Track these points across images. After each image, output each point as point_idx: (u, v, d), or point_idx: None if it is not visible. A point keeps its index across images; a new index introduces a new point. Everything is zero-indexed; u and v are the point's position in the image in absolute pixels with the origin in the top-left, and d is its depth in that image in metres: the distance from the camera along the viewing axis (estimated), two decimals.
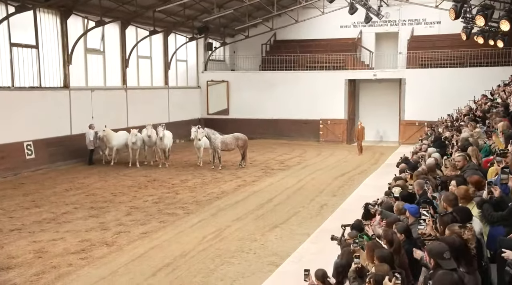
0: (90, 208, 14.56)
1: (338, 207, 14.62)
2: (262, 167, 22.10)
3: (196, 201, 15.61)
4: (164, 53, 29.40)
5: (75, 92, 22.27)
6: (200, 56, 33.30)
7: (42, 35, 20.59)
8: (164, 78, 29.57)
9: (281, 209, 14.69)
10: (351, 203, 15.05)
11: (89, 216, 13.71)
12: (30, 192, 16.53)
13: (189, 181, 18.74)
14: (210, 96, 33.33)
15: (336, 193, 16.85)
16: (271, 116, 32.34)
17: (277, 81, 32.18)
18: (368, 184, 17.89)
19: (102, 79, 24.36)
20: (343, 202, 15.23)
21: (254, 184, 18.33)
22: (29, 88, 20.18)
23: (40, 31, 20.52)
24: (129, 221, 13.25)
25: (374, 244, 5.96)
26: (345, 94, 31.43)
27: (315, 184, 18.39)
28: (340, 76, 31.28)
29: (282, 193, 16.87)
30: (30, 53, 20.20)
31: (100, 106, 23.53)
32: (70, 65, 21.76)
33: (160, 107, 28.70)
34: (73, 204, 15.00)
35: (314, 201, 15.73)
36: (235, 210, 14.58)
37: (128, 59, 25.60)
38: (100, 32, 23.91)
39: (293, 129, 32.12)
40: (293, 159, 24.64)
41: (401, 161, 14.91)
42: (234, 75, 33.48)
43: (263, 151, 27.42)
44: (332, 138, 31.29)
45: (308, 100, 31.48)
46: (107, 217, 13.63)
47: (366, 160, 24.62)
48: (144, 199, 15.75)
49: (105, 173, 20.01)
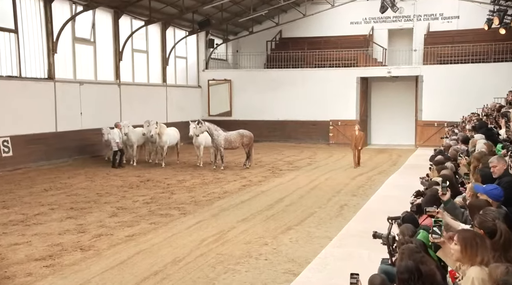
0: (69, 209, 12.40)
1: (361, 208, 12.47)
2: (269, 168, 19.96)
3: (194, 201, 13.45)
4: (162, 48, 27.37)
5: (61, 84, 20.17)
6: (201, 53, 31.30)
7: (22, 18, 18.51)
8: (162, 75, 27.52)
9: (294, 209, 12.54)
10: (375, 202, 12.97)
11: (66, 218, 11.55)
12: (1, 192, 14.37)
13: (187, 181, 16.58)
14: (211, 96, 31.25)
15: (356, 193, 14.68)
16: (277, 118, 30.24)
17: (284, 79, 30.14)
18: (391, 184, 15.79)
19: (93, 72, 22.27)
20: (366, 202, 13.08)
21: (261, 184, 16.16)
22: (6, 77, 18.06)
23: (20, 14, 18.44)
24: (114, 223, 11.09)
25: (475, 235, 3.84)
26: (357, 93, 29.35)
27: (330, 184, 16.24)
28: (351, 73, 29.22)
29: (293, 193, 14.71)
30: (8, 38, 18.13)
31: (90, 101, 21.47)
32: (55, 54, 19.67)
33: (157, 106, 26.64)
34: (49, 205, 12.82)
35: (331, 201, 13.57)
36: (240, 210, 12.43)
37: (122, 51, 23.55)
38: (91, 20, 21.89)
39: (301, 131, 30.01)
40: (302, 160, 22.50)
41: (435, 154, 12.91)
42: (237, 74, 31.41)
43: (270, 153, 25.32)
44: (343, 140, 29.09)
45: (317, 100, 29.44)
46: (88, 219, 11.47)
47: (383, 161, 22.50)
48: (134, 199, 13.60)
49: (93, 173, 17.88)
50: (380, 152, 26.03)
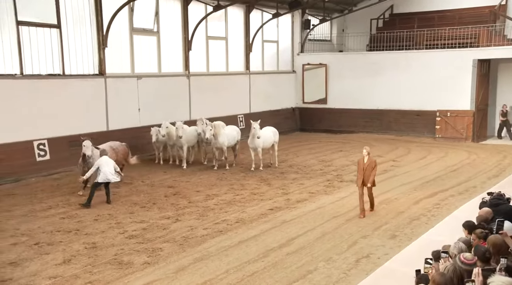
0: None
1: (383, 264, 8.85)
2: (334, 176, 16.58)
3: (185, 237, 10.69)
4: (246, 33, 24.59)
5: (114, 80, 18.41)
6: (296, 36, 27.92)
7: (66, 12, 16.92)
8: (245, 62, 24.81)
9: (290, 262, 9.24)
10: (408, 255, 9.13)
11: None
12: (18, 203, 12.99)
13: (215, 198, 13.87)
14: (306, 82, 27.88)
15: (397, 233, 10.86)
16: (376, 106, 26.07)
17: (385, 64, 25.77)
18: (459, 218, 11.50)
19: (156, 64, 20.27)
20: (396, 255, 9.35)
21: (295, 208, 12.92)
22: (47, 75, 16.65)
23: (64, 8, 16.85)
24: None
25: None
26: (472, 78, 23.95)
27: (378, 212, 12.46)
28: (466, 55, 23.85)
29: (318, 227, 11.32)
30: (49, 34, 16.65)
31: (150, 95, 19.59)
32: (105, 48, 17.91)
33: (238, 96, 24.13)
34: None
35: (353, 248, 9.97)
36: (224, 259, 9.39)
37: (191, 40, 21.24)
38: (153, 9, 19.85)
39: (402, 122, 25.57)
40: (383, 164, 18.50)
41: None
42: (334, 58, 27.58)
43: (357, 150, 21.49)
44: (453, 134, 24.17)
45: (422, 87, 24.76)
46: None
47: (488, 167, 18.04)
48: (124, 229, 11.27)
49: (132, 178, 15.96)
50: (496, 152, 20.93)
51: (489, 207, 8.38)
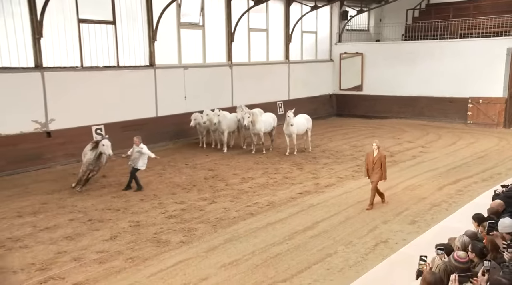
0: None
1: (399, 250, 8.77)
2: (362, 161, 16.15)
3: (218, 219, 10.94)
4: (286, 25, 24.37)
5: (163, 70, 18.74)
6: (334, 26, 27.45)
7: (121, 10, 17.29)
8: (285, 51, 24.63)
9: (312, 245, 9.33)
10: (425, 240, 9.00)
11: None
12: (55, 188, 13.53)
13: (250, 181, 14.04)
14: (343, 70, 27.46)
15: (417, 218, 10.74)
16: (410, 93, 25.42)
17: (419, 53, 25.01)
18: (479, 204, 11.23)
19: (201, 56, 20.44)
20: (414, 239, 9.23)
21: (323, 192, 12.93)
22: (103, 67, 17.17)
23: (119, 6, 17.25)
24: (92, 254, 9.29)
25: None
26: (506, 66, 22.96)
27: (400, 198, 12.31)
28: (500, 44, 22.84)
29: (342, 212, 11.32)
30: (106, 30, 17.08)
31: (196, 84, 19.84)
32: (155, 41, 18.21)
33: (278, 84, 24.07)
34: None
35: (372, 232, 9.98)
36: (252, 240, 9.59)
37: (234, 33, 21.28)
38: (199, 4, 19.96)
39: (435, 108, 24.85)
40: (412, 149, 18.20)
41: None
42: (370, 47, 26.97)
43: (389, 135, 21.21)
44: (484, 121, 23.35)
45: (455, 75, 23.93)
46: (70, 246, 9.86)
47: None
48: (166, 209, 11.62)
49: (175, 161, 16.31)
50: None
51: (503, 199, 8.15)
